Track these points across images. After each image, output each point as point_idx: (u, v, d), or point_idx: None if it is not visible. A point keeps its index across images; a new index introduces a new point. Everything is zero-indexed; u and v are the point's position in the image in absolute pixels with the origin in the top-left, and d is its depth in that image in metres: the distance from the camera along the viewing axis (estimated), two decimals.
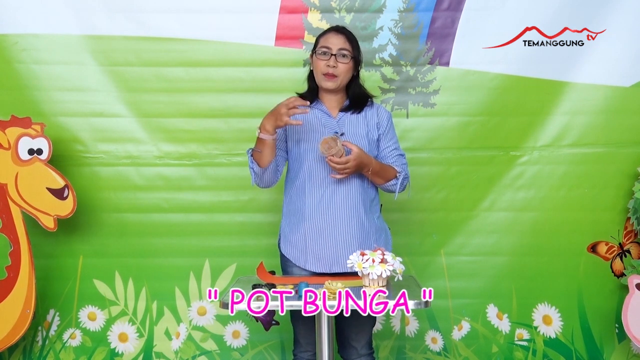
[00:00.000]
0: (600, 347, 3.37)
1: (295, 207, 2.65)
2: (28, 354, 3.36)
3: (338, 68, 2.61)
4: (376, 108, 2.73)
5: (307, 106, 2.49)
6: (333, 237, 2.60)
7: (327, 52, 2.61)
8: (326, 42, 2.64)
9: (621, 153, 3.31)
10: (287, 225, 2.69)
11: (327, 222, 2.59)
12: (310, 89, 2.73)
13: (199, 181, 3.35)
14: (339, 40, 2.63)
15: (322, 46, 2.63)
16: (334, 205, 2.60)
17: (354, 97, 2.69)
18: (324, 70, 2.61)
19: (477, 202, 3.36)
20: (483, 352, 3.38)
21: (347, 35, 2.66)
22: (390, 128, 2.72)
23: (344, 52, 2.61)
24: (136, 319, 3.38)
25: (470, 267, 3.37)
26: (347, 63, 2.62)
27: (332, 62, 2.60)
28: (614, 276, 3.36)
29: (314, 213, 2.60)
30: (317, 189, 2.61)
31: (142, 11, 3.29)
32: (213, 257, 3.37)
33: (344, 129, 2.65)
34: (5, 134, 3.10)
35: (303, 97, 2.68)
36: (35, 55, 3.28)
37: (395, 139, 2.74)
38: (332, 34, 2.66)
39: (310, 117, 2.67)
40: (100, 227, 3.35)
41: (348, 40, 2.64)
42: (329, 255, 2.60)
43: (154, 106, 3.32)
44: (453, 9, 3.28)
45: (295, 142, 2.66)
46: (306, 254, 2.62)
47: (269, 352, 3.39)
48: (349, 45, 2.63)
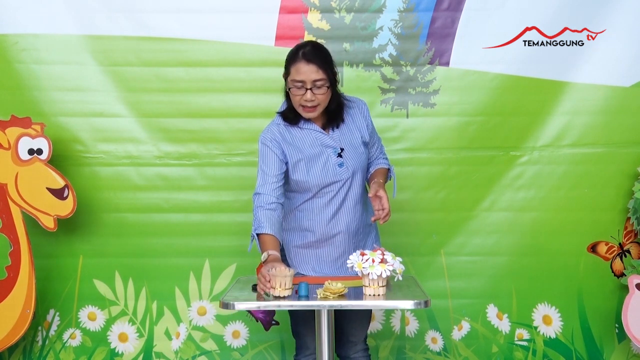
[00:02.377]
0: (600, 347, 3.37)
1: (302, 224, 2.63)
2: (28, 354, 3.36)
3: (316, 99, 2.48)
4: (357, 107, 2.66)
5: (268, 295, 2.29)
6: (340, 245, 2.62)
7: (302, 87, 2.46)
8: (298, 74, 2.46)
9: (621, 153, 3.31)
10: (292, 240, 2.66)
11: (337, 233, 2.61)
12: (290, 107, 2.57)
13: (199, 181, 3.35)
14: (310, 70, 2.45)
15: (295, 80, 2.47)
16: (344, 218, 2.61)
17: (334, 112, 2.59)
18: (302, 103, 2.50)
19: (477, 202, 3.36)
20: (483, 352, 3.38)
21: (318, 61, 2.47)
22: (371, 122, 2.68)
23: (319, 83, 2.46)
24: (136, 319, 3.38)
25: (470, 267, 3.37)
26: (324, 93, 2.49)
27: (309, 96, 2.46)
28: (614, 276, 3.36)
29: (323, 227, 2.60)
30: (326, 206, 2.59)
31: (142, 11, 3.29)
32: (213, 257, 3.37)
33: (341, 143, 2.60)
34: (5, 134, 3.10)
35: (286, 116, 2.59)
36: (35, 55, 3.28)
37: (376, 135, 2.73)
38: (302, 64, 2.46)
39: (305, 136, 2.59)
40: (100, 227, 3.35)
41: (320, 67, 2.46)
42: (338, 262, 2.63)
43: (154, 106, 3.32)
44: (453, 9, 3.28)
45: (296, 164, 2.57)
46: (320, 266, 2.63)
47: (269, 352, 3.39)
48: (322, 74, 2.46)
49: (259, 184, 2.56)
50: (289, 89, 2.52)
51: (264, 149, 2.58)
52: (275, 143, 2.56)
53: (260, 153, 2.59)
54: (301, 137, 2.58)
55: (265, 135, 2.59)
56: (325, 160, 2.57)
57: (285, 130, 2.59)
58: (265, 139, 2.58)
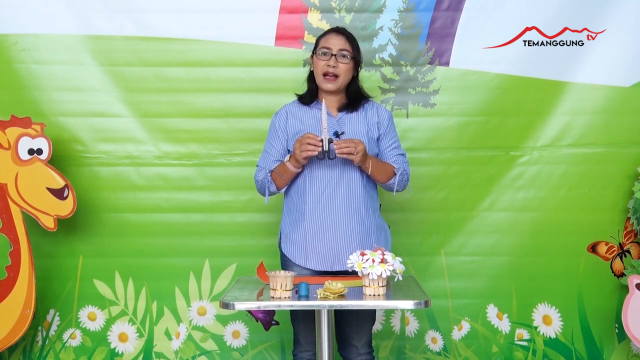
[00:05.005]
0: (600, 347, 3.37)
1: (296, 205, 2.66)
2: (28, 354, 3.37)
3: (338, 68, 2.63)
4: (376, 107, 2.74)
5: (318, 147, 2.49)
6: (334, 235, 2.61)
7: (328, 53, 2.64)
8: (327, 42, 2.67)
9: (621, 153, 3.31)
10: (287, 224, 2.70)
11: (328, 219, 2.61)
12: (310, 90, 2.75)
13: (199, 181, 3.35)
14: (339, 41, 2.66)
15: (323, 47, 2.67)
16: (335, 203, 2.61)
17: (352, 95, 2.71)
18: (324, 70, 2.63)
19: (477, 202, 3.36)
20: (483, 352, 3.38)
21: (348, 36, 2.70)
22: (390, 128, 2.73)
23: (344, 53, 2.65)
24: (136, 319, 3.38)
25: (470, 267, 3.37)
26: (347, 63, 2.64)
27: (332, 62, 2.63)
28: (614, 276, 3.36)
29: (315, 211, 2.61)
30: (318, 187, 2.62)
31: (142, 11, 3.29)
32: (213, 257, 3.37)
33: (344, 128, 2.66)
34: (5, 134, 3.10)
35: (302, 99, 2.74)
36: (35, 55, 3.28)
37: (396, 139, 2.75)
38: (333, 35, 2.69)
39: (310, 117, 2.70)
40: (100, 227, 3.35)
41: (348, 41, 2.68)
42: (330, 253, 2.61)
43: (154, 106, 3.32)
44: (453, 9, 3.28)
45: (295, 135, 2.67)
46: (307, 252, 2.62)
47: (269, 352, 3.39)
48: (349, 46, 2.67)
49: (260, 158, 2.73)
50: (315, 56, 2.68)
51: (272, 130, 2.75)
52: (281, 123, 2.71)
53: (269, 132, 2.76)
54: (307, 115, 2.71)
55: (275, 115, 2.76)
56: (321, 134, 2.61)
57: (295, 107, 2.75)
58: (274, 119, 2.75)
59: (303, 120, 2.69)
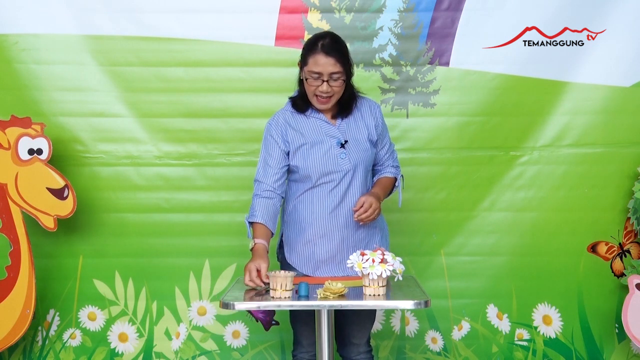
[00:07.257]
0: (600, 347, 3.37)
1: (301, 216, 2.63)
2: (28, 354, 3.37)
3: (331, 90, 2.53)
4: (369, 106, 2.70)
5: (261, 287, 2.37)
6: (340, 242, 2.61)
7: (319, 78, 2.51)
8: (316, 65, 2.49)
9: (621, 153, 3.31)
10: (291, 234, 2.66)
11: (336, 228, 2.60)
12: (302, 94, 2.63)
13: (199, 181, 3.35)
14: (328, 63, 2.49)
15: (312, 71, 2.50)
16: (343, 211, 2.60)
17: (346, 101, 2.63)
18: (316, 93, 2.54)
19: (477, 202, 3.36)
20: (483, 352, 3.38)
21: (337, 54, 2.51)
22: (383, 124, 2.73)
23: (336, 76, 2.51)
24: (136, 319, 3.38)
25: (470, 267, 3.37)
26: (340, 85, 2.54)
27: (325, 87, 2.51)
28: (614, 276, 3.36)
29: (323, 221, 2.60)
30: (326, 198, 2.60)
31: (142, 11, 3.29)
32: (213, 257, 3.37)
33: (346, 135, 2.62)
34: (5, 134, 3.10)
35: (295, 103, 2.65)
36: (35, 55, 3.28)
37: (387, 133, 2.75)
38: (321, 56, 2.49)
39: (310, 126, 2.63)
40: (100, 227, 3.35)
41: (338, 61, 2.50)
42: (336, 259, 2.61)
43: (154, 106, 3.32)
44: (453, 9, 3.28)
45: (298, 149, 2.61)
46: (314, 261, 2.62)
47: (269, 352, 3.39)
48: (340, 67, 2.51)
49: (259, 172, 2.63)
50: (305, 79, 2.55)
51: (269, 139, 2.63)
52: (280, 133, 2.61)
53: (264, 141, 2.65)
54: (307, 125, 2.63)
55: (271, 124, 2.65)
56: (327, 149, 2.59)
57: (291, 117, 2.64)
58: (271, 128, 2.63)
59: (304, 133, 2.61)
